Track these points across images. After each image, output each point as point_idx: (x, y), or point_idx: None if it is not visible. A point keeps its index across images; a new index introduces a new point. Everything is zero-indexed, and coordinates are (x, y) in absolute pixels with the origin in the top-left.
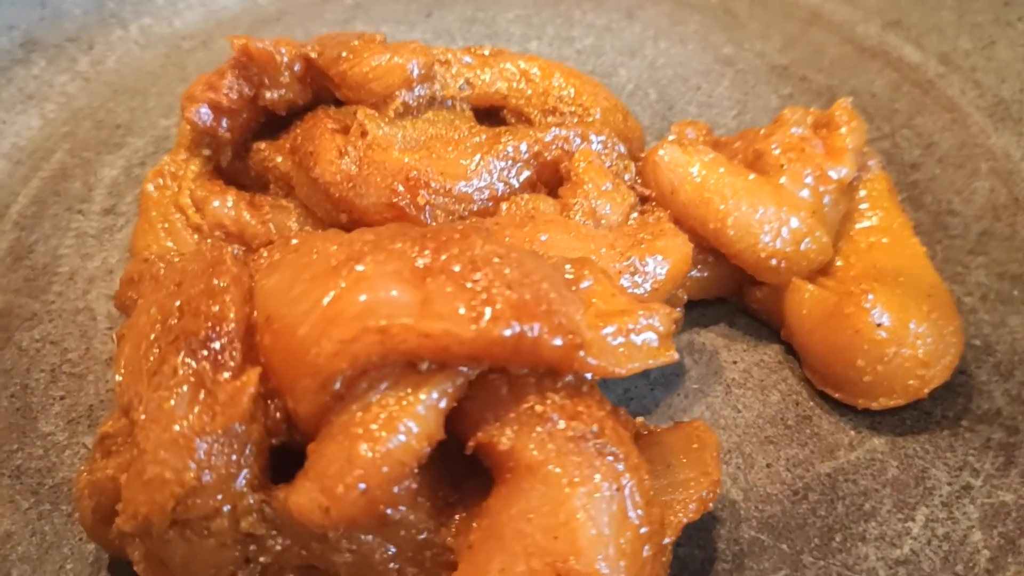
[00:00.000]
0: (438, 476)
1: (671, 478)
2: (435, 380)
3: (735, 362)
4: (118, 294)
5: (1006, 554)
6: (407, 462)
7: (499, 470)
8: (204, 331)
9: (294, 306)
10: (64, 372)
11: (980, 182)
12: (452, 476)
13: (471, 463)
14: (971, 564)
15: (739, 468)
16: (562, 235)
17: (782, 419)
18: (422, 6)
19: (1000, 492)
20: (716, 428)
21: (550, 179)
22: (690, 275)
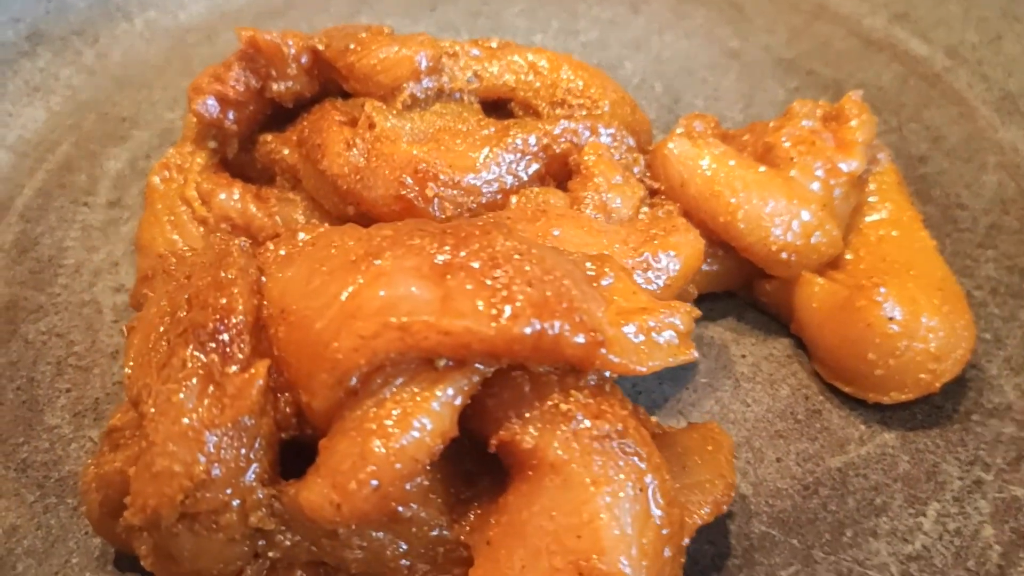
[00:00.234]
0: (450, 472)
1: (686, 480)
2: (451, 377)
3: (744, 356)
4: (134, 292)
5: (1018, 549)
6: (420, 459)
7: (519, 467)
8: (212, 323)
9: (311, 299)
10: (70, 365)
11: (988, 176)
12: (464, 472)
13: (482, 459)
14: (983, 560)
15: (749, 463)
16: (575, 230)
17: (792, 413)
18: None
19: (1012, 487)
20: (725, 422)
21: (559, 172)
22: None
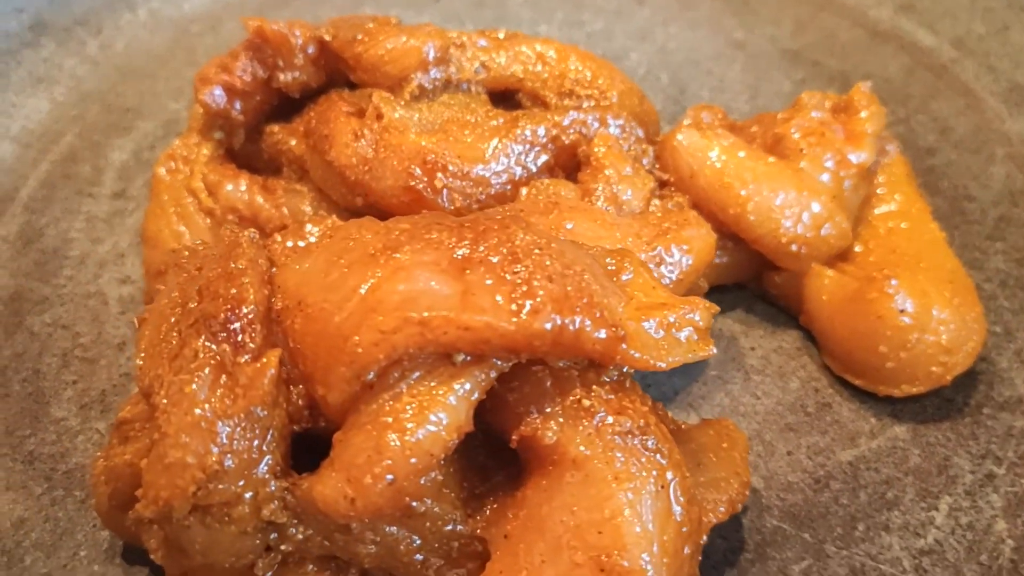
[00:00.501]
0: (464, 467)
1: (701, 477)
2: (469, 372)
3: (753, 348)
4: (147, 288)
5: None
6: (436, 454)
7: (539, 462)
8: (223, 313)
9: (330, 292)
10: (76, 357)
11: (996, 167)
12: (478, 466)
13: (496, 453)
14: (995, 554)
15: (760, 456)
16: (588, 223)
17: (802, 406)
18: None
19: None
20: (736, 415)
21: (567, 163)
22: None
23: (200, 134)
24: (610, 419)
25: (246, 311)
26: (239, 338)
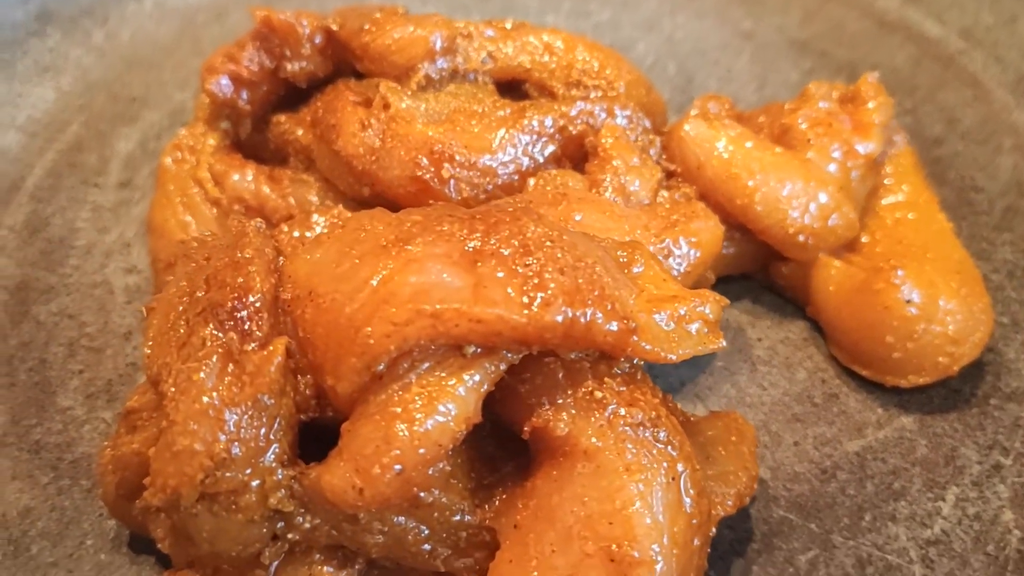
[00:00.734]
0: (472, 457)
1: (710, 470)
2: (478, 363)
3: (760, 339)
4: (157, 280)
5: None
6: (444, 444)
7: (550, 453)
8: (231, 302)
9: (341, 283)
10: (82, 346)
11: (1004, 158)
12: (487, 457)
13: (505, 444)
14: (1002, 544)
15: (766, 447)
16: (596, 214)
17: (809, 397)
18: None
19: None
20: (742, 406)
21: (575, 153)
22: None
23: (206, 124)
24: (622, 411)
25: (253, 299)
26: (246, 326)
